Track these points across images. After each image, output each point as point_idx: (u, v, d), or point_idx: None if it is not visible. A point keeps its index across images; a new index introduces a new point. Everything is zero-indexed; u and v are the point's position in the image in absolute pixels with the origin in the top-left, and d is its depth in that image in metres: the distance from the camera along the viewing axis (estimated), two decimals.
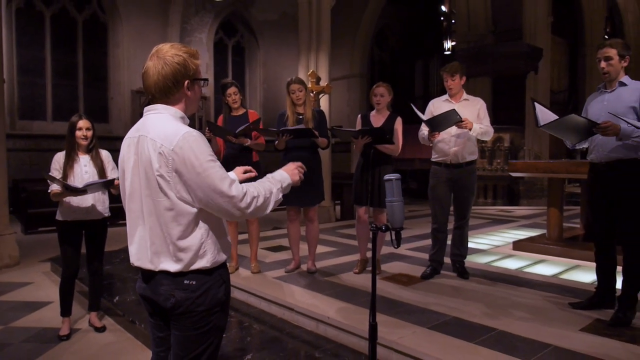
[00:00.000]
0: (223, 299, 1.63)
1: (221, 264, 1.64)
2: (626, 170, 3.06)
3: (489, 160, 10.54)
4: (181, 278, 1.57)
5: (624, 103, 3.04)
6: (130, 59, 10.75)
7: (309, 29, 7.79)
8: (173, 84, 1.57)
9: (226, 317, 1.70)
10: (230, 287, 1.70)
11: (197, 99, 1.69)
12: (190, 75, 1.59)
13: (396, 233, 1.98)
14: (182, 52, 1.59)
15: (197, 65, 1.62)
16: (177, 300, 1.56)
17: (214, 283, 1.60)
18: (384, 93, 4.22)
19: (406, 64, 15.55)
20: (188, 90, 1.61)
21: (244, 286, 4.08)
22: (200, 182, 1.50)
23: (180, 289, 1.56)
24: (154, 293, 1.61)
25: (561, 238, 5.35)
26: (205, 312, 1.58)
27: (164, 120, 1.57)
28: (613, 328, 3.01)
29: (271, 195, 1.63)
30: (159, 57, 1.57)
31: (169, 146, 1.49)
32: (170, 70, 1.56)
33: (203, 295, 1.57)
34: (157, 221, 1.56)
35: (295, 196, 4.27)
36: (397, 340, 2.87)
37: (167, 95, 1.60)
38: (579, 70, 15.71)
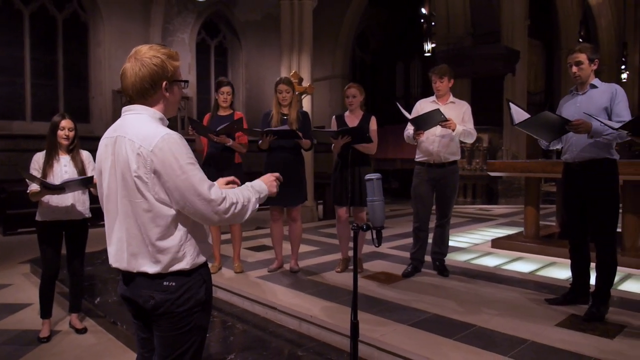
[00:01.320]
0: (204, 299, 1.63)
1: (201, 264, 1.64)
2: (598, 169, 3.16)
3: (469, 160, 10.71)
4: (160, 280, 1.57)
5: (596, 105, 3.15)
6: (112, 59, 10.61)
7: (291, 30, 7.82)
8: (150, 86, 1.57)
9: (208, 316, 1.71)
10: (211, 286, 1.70)
11: (177, 101, 1.68)
12: (168, 77, 1.59)
13: (377, 232, 2.02)
14: (160, 53, 1.59)
15: (176, 67, 1.62)
16: (156, 301, 1.56)
17: (194, 283, 1.60)
18: (356, 93, 4.28)
19: (387, 65, 15.67)
20: (166, 91, 1.61)
21: (227, 286, 4.08)
22: (179, 184, 1.49)
23: (159, 290, 1.56)
24: (134, 295, 1.61)
25: (538, 236, 5.48)
26: (186, 312, 1.59)
27: (143, 121, 1.56)
28: (587, 323, 3.11)
29: (249, 204, 1.64)
30: (136, 59, 1.57)
31: (147, 147, 1.49)
32: (147, 71, 1.55)
33: (183, 296, 1.57)
34: (134, 222, 1.55)
35: (279, 196, 4.24)
36: (379, 337, 2.92)
37: (144, 97, 1.59)
38: (555, 72, 16.06)
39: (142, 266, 1.57)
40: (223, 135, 4.14)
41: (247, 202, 1.63)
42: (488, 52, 11.16)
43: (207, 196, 1.51)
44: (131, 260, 1.58)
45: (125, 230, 1.58)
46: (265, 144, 4.21)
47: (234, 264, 4.49)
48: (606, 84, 3.26)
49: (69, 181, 3.22)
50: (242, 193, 1.64)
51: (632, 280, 4.16)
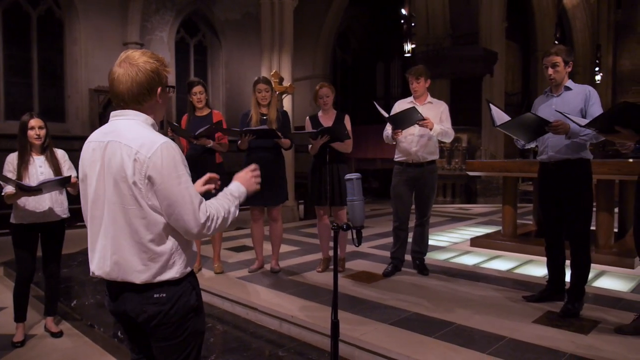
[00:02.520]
0: (195, 304, 1.62)
1: (189, 272, 1.63)
2: (573, 169, 3.23)
3: (448, 159, 10.84)
4: (150, 292, 1.54)
5: (571, 106, 3.21)
6: (88, 57, 10.41)
7: (272, 29, 7.80)
8: (147, 91, 1.56)
9: (203, 319, 1.69)
10: (200, 290, 1.69)
11: (166, 106, 1.69)
12: (163, 83, 1.59)
13: (357, 232, 2.03)
14: (153, 59, 1.58)
15: (168, 73, 1.63)
16: (149, 314, 1.54)
17: (184, 291, 1.58)
18: (329, 93, 4.29)
19: (367, 65, 15.76)
20: (159, 98, 1.60)
21: (207, 287, 4.05)
22: (173, 194, 1.48)
23: (150, 303, 1.54)
24: (126, 309, 1.58)
25: (515, 234, 5.57)
26: (181, 321, 1.58)
27: (138, 126, 1.55)
28: (563, 319, 3.17)
29: (229, 215, 1.62)
30: (131, 64, 1.54)
31: (146, 153, 1.47)
32: (145, 77, 1.54)
33: (175, 306, 1.56)
34: (124, 230, 1.52)
35: (259, 196, 4.26)
36: (359, 336, 2.93)
37: (139, 102, 1.57)
38: (532, 73, 16.39)
39: (127, 275, 1.53)
40: (204, 137, 4.10)
41: (228, 214, 1.61)
42: (467, 54, 11.33)
43: (197, 211, 1.51)
44: (114, 268, 1.54)
45: (111, 238, 1.54)
46: (244, 144, 4.19)
47: (214, 265, 4.46)
48: (579, 86, 3.34)
49: (46, 182, 3.15)
50: (223, 205, 1.61)
51: (606, 277, 4.26)
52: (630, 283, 4.04)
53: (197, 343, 1.66)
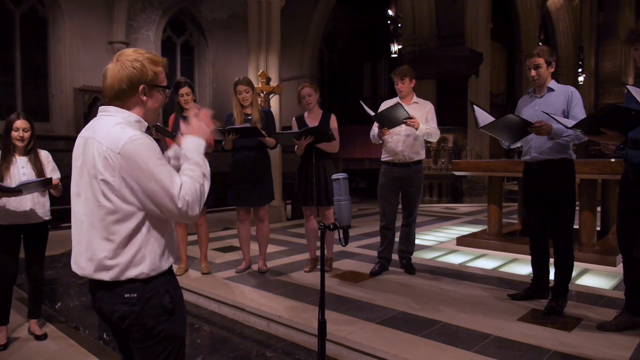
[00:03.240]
0: (169, 307, 1.59)
1: (164, 272, 1.60)
2: (557, 169, 3.28)
3: (434, 159, 10.92)
4: (120, 290, 1.53)
5: (554, 107, 3.26)
6: (73, 56, 10.28)
7: (259, 29, 7.77)
8: (127, 87, 1.55)
9: (182, 325, 1.66)
10: (180, 294, 1.66)
11: (157, 107, 1.66)
12: (147, 81, 1.57)
13: (344, 231, 2.03)
14: (142, 57, 1.58)
15: (157, 72, 1.60)
16: (121, 313, 1.54)
17: (155, 293, 1.56)
18: (311, 92, 4.30)
19: (355, 65, 15.81)
20: (144, 95, 1.59)
21: (193, 288, 4.03)
22: (148, 187, 1.47)
23: (121, 302, 1.54)
24: (101, 307, 1.59)
25: (500, 233, 5.63)
26: (152, 322, 1.56)
27: (113, 123, 1.54)
28: (547, 317, 3.22)
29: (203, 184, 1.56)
30: (118, 61, 1.56)
31: (115, 149, 1.47)
32: (126, 73, 1.54)
33: (146, 307, 1.54)
34: (95, 226, 1.52)
35: (245, 196, 4.29)
36: (346, 336, 2.94)
37: (120, 99, 1.57)
38: (516, 74, 16.59)
39: (98, 272, 1.53)
40: None
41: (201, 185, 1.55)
42: (453, 54, 11.43)
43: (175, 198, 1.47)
44: (88, 265, 1.55)
45: (85, 234, 1.55)
46: (228, 144, 4.17)
47: (201, 265, 4.44)
48: (562, 86, 3.38)
49: (26, 183, 3.10)
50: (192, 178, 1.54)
51: (589, 275, 4.33)
52: (612, 281, 4.11)
53: (175, 349, 1.62)
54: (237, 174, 4.26)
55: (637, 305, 2.97)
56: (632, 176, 2.81)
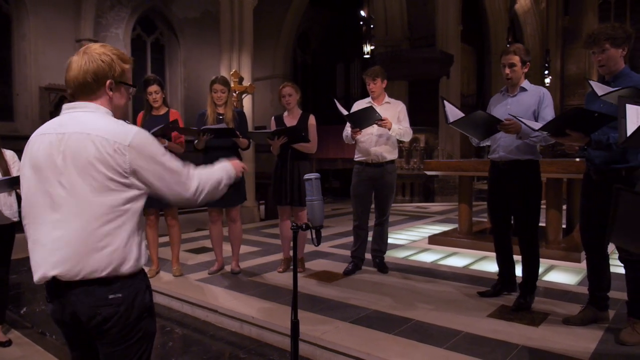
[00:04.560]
0: (149, 304, 1.58)
1: (141, 268, 1.59)
2: (523, 170, 3.36)
3: (407, 159, 11.05)
4: (105, 292, 1.47)
5: (525, 108, 3.32)
6: (38, 53, 9.96)
7: (231, 28, 7.71)
8: (93, 80, 1.52)
9: (154, 321, 1.65)
10: (151, 291, 1.65)
11: (122, 105, 1.64)
12: (114, 76, 1.55)
13: (316, 231, 2.04)
14: (111, 52, 1.56)
15: (125, 69, 1.58)
16: (104, 317, 1.48)
17: (139, 289, 1.54)
18: (292, 92, 4.29)
19: (328, 66, 15.86)
20: (110, 90, 1.55)
21: (165, 290, 3.97)
22: (161, 175, 1.54)
23: (105, 304, 1.47)
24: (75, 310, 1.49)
25: (471, 232, 5.74)
26: (135, 321, 1.53)
27: (102, 117, 1.52)
28: (515, 312, 3.30)
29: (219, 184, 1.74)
30: (85, 53, 1.53)
31: (124, 142, 1.46)
32: (93, 66, 1.51)
33: (130, 306, 1.51)
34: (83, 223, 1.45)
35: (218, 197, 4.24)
36: (320, 336, 2.95)
37: (85, 92, 1.53)
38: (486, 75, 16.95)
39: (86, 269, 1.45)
40: (158, 136, 4.01)
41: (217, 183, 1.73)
42: (424, 56, 11.60)
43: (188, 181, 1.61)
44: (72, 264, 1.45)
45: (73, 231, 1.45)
46: (201, 144, 4.13)
47: (173, 267, 4.37)
48: (534, 87, 3.43)
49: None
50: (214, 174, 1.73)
51: (555, 271, 4.46)
52: (577, 276, 4.24)
53: (149, 346, 1.61)
54: None
55: (600, 299, 3.08)
56: (594, 175, 2.91)
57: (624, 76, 2.78)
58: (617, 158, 2.75)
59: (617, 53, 2.77)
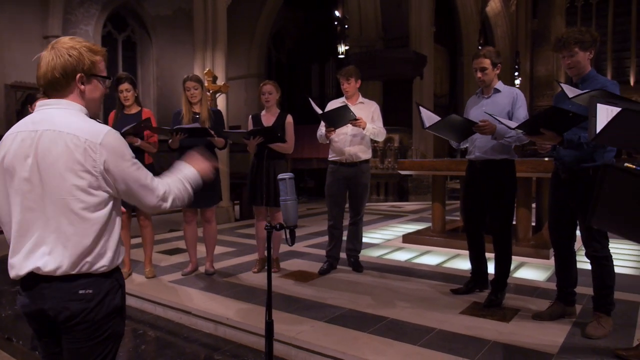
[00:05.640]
0: (120, 305, 1.57)
1: (116, 268, 1.58)
2: (498, 169, 3.43)
3: (381, 159, 11.14)
4: (75, 287, 1.47)
5: (500, 108, 3.38)
6: (4, 51, 9.64)
7: (205, 26, 7.63)
8: (62, 76, 1.49)
9: (124, 322, 1.64)
10: (125, 292, 1.63)
11: (97, 98, 1.60)
12: (84, 70, 1.51)
13: (290, 231, 2.03)
14: (79, 45, 1.52)
15: (95, 61, 1.54)
16: (72, 312, 1.46)
17: (111, 289, 1.53)
18: (272, 90, 4.28)
19: (302, 66, 15.86)
20: (82, 84, 1.52)
21: (137, 292, 3.90)
22: (129, 177, 1.51)
23: (75, 299, 1.46)
24: (44, 307, 1.48)
25: (444, 230, 5.83)
26: (103, 320, 1.51)
27: (76, 115, 1.50)
28: (487, 309, 3.37)
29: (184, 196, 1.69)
30: (54, 48, 1.50)
31: (95, 140, 1.45)
32: (61, 62, 1.48)
33: (100, 304, 1.49)
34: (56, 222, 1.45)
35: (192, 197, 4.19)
36: (295, 335, 2.95)
37: (56, 88, 1.51)
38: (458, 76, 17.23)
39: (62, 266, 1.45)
40: (130, 135, 3.93)
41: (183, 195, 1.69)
42: (398, 56, 11.71)
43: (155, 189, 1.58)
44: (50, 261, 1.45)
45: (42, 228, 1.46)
46: (175, 143, 4.07)
47: (145, 269, 4.30)
48: (508, 88, 3.51)
49: None
50: (178, 187, 1.68)
51: (526, 268, 4.57)
52: (546, 273, 4.35)
53: (115, 347, 1.59)
54: None
55: (567, 295, 3.17)
56: (562, 174, 2.99)
57: (591, 79, 2.87)
58: (585, 157, 2.83)
59: (585, 56, 2.86)
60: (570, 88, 2.65)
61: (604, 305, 2.91)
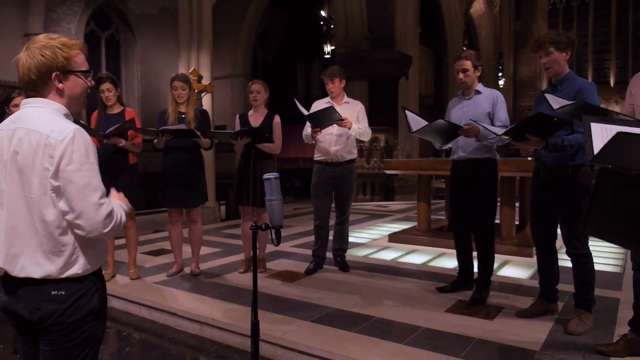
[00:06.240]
0: (97, 307, 1.54)
1: (94, 271, 1.55)
2: (480, 168, 3.48)
3: (367, 159, 11.18)
4: (48, 288, 1.45)
5: (481, 109, 3.46)
6: None
7: (190, 25, 7.57)
8: (37, 77, 1.47)
9: (103, 325, 1.61)
10: (106, 295, 1.61)
11: (79, 94, 1.57)
12: (59, 67, 1.49)
13: (276, 231, 2.03)
14: (53, 43, 1.49)
15: (71, 56, 1.51)
16: (44, 313, 1.45)
17: (86, 291, 1.50)
18: (260, 89, 4.27)
19: (288, 65, 15.83)
20: (59, 82, 1.50)
21: (122, 294, 3.86)
22: (81, 179, 1.41)
23: (46, 300, 1.45)
24: (18, 307, 1.48)
25: (429, 229, 5.87)
26: (78, 322, 1.49)
27: (49, 114, 1.48)
28: (472, 307, 3.41)
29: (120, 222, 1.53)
30: (27, 49, 1.48)
31: (57, 137, 1.41)
32: (34, 63, 1.46)
33: (74, 305, 1.47)
34: (27, 220, 1.44)
35: (178, 198, 4.17)
36: (282, 336, 2.95)
37: (33, 89, 1.49)
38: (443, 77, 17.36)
39: (27, 269, 1.45)
40: (115, 136, 3.89)
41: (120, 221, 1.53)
42: (384, 57, 11.75)
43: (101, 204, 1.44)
44: (13, 262, 1.46)
45: (11, 228, 1.46)
46: (160, 143, 4.04)
47: (129, 271, 4.25)
48: (488, 90, 3.58)
49: None
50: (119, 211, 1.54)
51: (509, 266, 4.62)
52: (529, 271, 4.41)
53: (92, 350, 1.57)
54: (169, 175, 4.13)
55: (549, 292, 3.22)
56: (543, 174, 3.04)
57: (569, 80, 2.94)
58: (565, 157, 2.88)
59: (561, 57, 2.93)
60: (555, 98, 2.70)
61: (585, 302, 2.96)
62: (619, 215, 1.61)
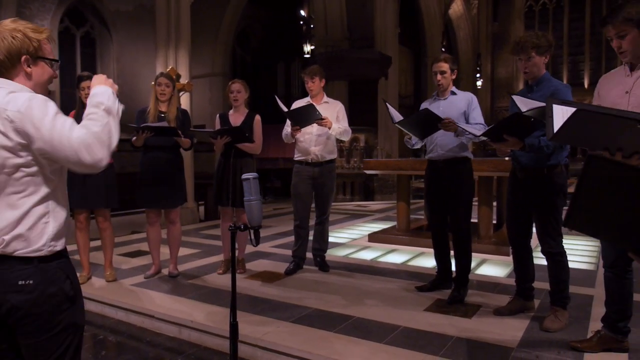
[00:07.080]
0: (71, 294, 1.49)
1: (60, 253, 1.49)
2: (458, 166, 3.54)
3: (347, 159, 11.21)
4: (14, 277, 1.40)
5: (457, 109, 3.54)
6: None
7: (167, 23, 7.47)
8: (6, 59, 1.45)
9: (82, 312, 1.56)
10: (77, 281, 1.55)
11: (44, 81, 1.56)
12: (29, 52, 1.48)
13: (255, 231, 2.02)
14: (23, 27, 1.48)
15: (40, 42, 1.50)
16: (12, 304, 1.39)
17: (56, 278, 1.45)
18: (240, 89, 4.25)
19: (268, 65, 15.78)
20: (28, 67, 1.49)
21: (97, 296, 3.78)
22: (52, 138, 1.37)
23: (13, 291, 1.39)
24: None
25: (409, 229, 5.91)
26: (52, 312, 1.44)
27: (7, 91, 1.44)
28: (450, 305, 3.44)
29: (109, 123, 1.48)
30: None
31: (13, 108, 1.38)
32: (5, 44, 1.45)
33: (45, 292, 1.42)
34: None
35: (155, 198, 4.10)
36: (261, 337, 2.93)
37: (1, 72, 1.47)
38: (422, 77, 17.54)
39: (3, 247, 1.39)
40: None
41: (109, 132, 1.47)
42: (363, 57, 11.81)
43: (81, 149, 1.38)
44: None
45: None
46: (139, 141, 3.96)
47: (105, 272, 4.17)
48: (462, 92, 3.69)
49: None
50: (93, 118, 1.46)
51: (487, 265, 4.68)
52: (507, 269, 4.48)
53: (75, 339, 1.52)
54: (148, 175, 4.06)
55: (526, 290, 3.28)
56: (519, 173, 3.09)
57: (545, 81, 3.00)
58: (540, 157, 2.93)
59: (541, 60, 2.98)
60: (522, 99, 2.75)
61: (560, 300, 3.02)
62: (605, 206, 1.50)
